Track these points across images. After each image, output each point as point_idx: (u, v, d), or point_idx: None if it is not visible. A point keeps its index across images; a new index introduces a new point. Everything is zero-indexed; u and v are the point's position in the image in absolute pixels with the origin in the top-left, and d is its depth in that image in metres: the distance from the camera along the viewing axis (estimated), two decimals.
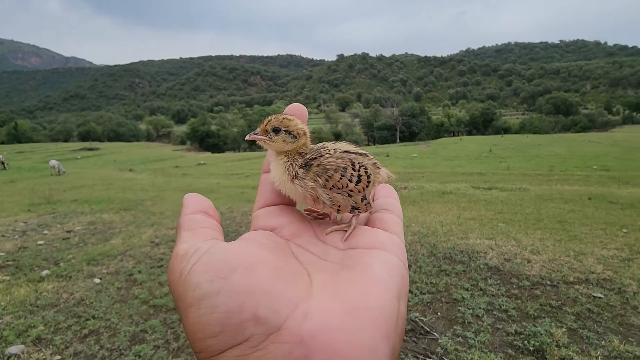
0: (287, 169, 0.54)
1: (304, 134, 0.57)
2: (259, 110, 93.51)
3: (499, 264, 5.01)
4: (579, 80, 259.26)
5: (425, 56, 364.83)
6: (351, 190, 0.53)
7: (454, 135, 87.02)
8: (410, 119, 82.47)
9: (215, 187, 13.55)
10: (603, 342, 3.27)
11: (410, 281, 4.70)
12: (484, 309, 3.82)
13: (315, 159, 0.54)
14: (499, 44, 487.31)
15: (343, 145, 0.59)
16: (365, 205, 0.55)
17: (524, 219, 7.67)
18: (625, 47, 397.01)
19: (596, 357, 3.05)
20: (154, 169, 30.86)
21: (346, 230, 0.51)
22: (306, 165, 0.54)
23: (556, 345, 3.15)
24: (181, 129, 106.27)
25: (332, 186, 0.52)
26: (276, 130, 0.56)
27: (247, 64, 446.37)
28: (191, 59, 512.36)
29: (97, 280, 4.75)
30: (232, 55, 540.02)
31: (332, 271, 0.42)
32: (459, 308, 3.86)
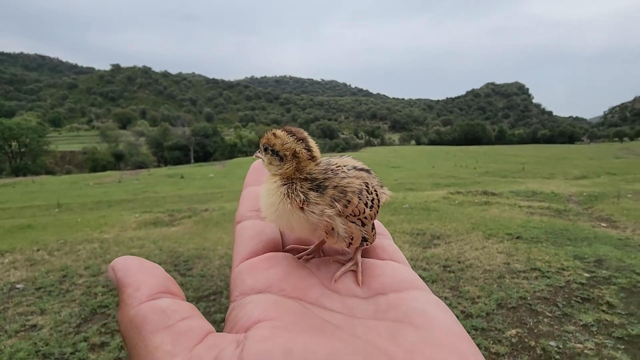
0: (287, 194, 0.44)
1: (293, 156, 0.46)
2: None
3: None
4: (336, 111, 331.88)
5: (214, 78, 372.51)
6: (365, 217, 0.44)
7: (247, 156, 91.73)
8: (203, 139, 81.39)
9: None
10: None
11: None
12: None
13: (328, 178, 0.44)
14: (278, 75, 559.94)
15: (349, 161, 0.50)
16: (374, 235, 0.46)
17: None
18: (362, 90, 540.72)
19: None
20: None
21: (354, 270, 0.43)
22: (319, 187, 0.44)
23: None
24: None
25: (351, 213, 0.43)
26: (265, 149, 0.48)
27: None
28: None
29: None
30: None
31: (387, 332, 0.34)
32: None
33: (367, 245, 0.46)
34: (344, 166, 0.47)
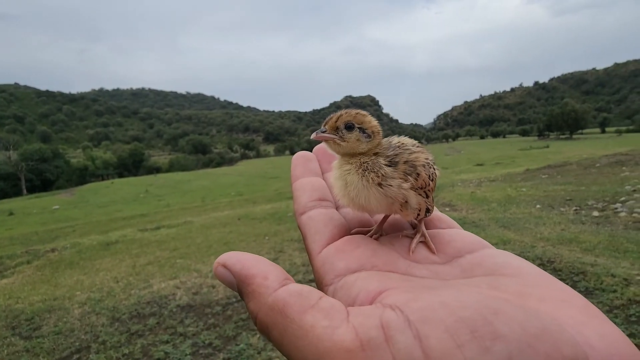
0: (366, 172, 0.45)
1: (378, 132, 0.48)
2: None
3: (190, 301, 5.00)
4: (207, 125, 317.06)
5: (48, 90, 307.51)
6: (429, 190, 0.47)
7: (103, 179, 79.02)
8: (39, 164, 66.16)
9: None
10: None
11: None
12: (189, 353, 3.65)
13: (398, 154, 0.46)
14: (134, 87, 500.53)
15: (406, 140, 0.51)
16: (433, 207, 0.48)
17: (197, 249, 8.17)
18: (232, 103, 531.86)
19: None
20: None
21: (423, 242, 0.44)
22: (392, 163, 0.46)
23: (257, 353, 3.55)
24: None
25: (419, 186, 0.45)
26: (349, 127, 0.47)
27: None
28: None
29: None
30: None
31: (487, 285, 0.34)
32: None
33: (428, 215, 0.47)
34: (404, 144, 0.49)
